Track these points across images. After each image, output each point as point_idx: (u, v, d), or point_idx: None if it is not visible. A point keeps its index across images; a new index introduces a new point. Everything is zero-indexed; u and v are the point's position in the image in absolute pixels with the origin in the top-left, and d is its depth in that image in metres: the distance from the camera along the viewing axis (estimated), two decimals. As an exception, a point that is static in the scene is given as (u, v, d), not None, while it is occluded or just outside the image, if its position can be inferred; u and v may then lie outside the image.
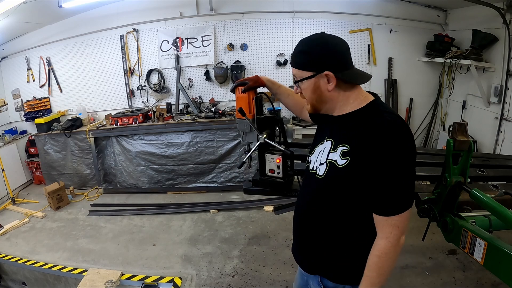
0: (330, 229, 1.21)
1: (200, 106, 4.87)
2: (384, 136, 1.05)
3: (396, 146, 1.04)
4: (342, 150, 1.13)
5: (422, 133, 5.06)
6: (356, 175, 1.10)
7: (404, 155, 1.05)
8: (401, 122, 1.09)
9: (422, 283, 2.65)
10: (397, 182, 1.06)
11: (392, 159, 1.04)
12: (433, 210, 1.44)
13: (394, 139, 1.04)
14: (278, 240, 3.37)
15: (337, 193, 1.15)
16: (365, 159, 1.08)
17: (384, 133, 1.05)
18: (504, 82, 3.56)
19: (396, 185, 1.07)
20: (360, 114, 1.14)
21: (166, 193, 4.63)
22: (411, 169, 1.09)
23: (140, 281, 2.88)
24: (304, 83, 1.16)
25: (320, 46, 1.14)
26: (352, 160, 1.11)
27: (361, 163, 1.09)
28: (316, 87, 1.15)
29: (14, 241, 3.68)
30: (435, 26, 4.61)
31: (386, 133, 1.05)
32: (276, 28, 4.66)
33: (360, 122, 1.12)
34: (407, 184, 1.08)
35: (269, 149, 1.55)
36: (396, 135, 1.05)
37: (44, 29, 4.81)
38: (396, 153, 1.04)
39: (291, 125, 4.51)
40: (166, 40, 4.81)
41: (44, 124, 4.73)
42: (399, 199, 1.07)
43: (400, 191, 1.07)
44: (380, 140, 1.05)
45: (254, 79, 1.51)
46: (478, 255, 1.20)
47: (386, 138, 1.05)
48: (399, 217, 1.08)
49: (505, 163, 2.22)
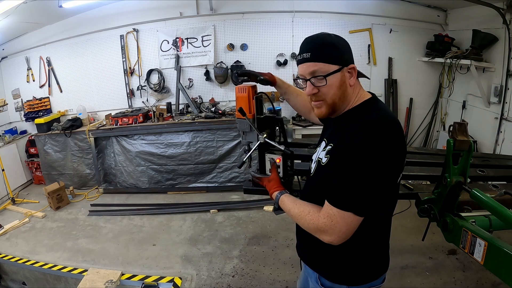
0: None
1: (200, 106, 4.87)
2: (359, 133, 1.00)
3: (364, 143, 0.98)
4: (328, 149, 1.15)
5: (422, 133, 5.06)
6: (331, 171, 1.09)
7: (368, 154, 0.98)
8: (385, 122, 1.03)
9: (422, 283, 2.65)
10: (349, 178, 1.00)
11: (355, 154, 0.99)
12: (433, 210, 1.45)
13: (366, 137, 0.99)
14: (278, 240, 3.37)
15: (323, 191, 1.10)
16: (337, 154, 1.07)
17: (360, 130, 1.00)
18: (504, 82, 3.56)
19: (347, 180, 1.01)
20: (353, 113, 1.13)
21: (166, 193, 4.63)
22: (372, 171, 0.98)
23: (140, 281, 2.88)
24: (331, 78, 1.08)
25: (341, 40, 1.13)
26: (331, 157, 1.11)
27: (334, 158, 1.09)
28: (342, 82, 1.09)
29: (14, 241, 3.68)
30: (435, 26, 4.61)
31: (362, 130, 1.00)
32: (276, 28, 4.66)
33: (350, 120, 1.11)
34: (359, 185, 1.00)
35: (269, 149, 1.55)
36: (370, 133, 0.99)
37: (44, 29, 4.81)
38: (361, 150, 0.98)
39: (291, 125, 4.51)
40: (166, 40, 4.81)
41: (44, 124, 4.73)
42: (345, 195, 1.01)
43: (349, 188, 1.00)
44: (354, 136, 1.00)
45: (269, 75, 1.52)
46: (478, 255, 1.20)
47: (359, 134, 1.00)
48: (338, 212, 1.02)
49: (505, 163, 2.22)
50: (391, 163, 1.02)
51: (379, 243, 1.23)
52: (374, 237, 1.20)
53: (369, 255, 1.21)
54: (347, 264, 1.20)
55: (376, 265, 1.24)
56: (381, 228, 1.21)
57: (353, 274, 1.20)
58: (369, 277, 1.23)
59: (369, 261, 1.22)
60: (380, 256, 1.25)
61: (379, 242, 1.23)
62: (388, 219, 1.23)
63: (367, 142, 0.98)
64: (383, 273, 1.27)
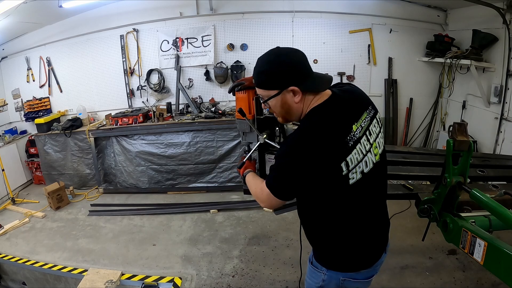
0: (304, 213, 1.38)
1: (200, 106, 4.87)
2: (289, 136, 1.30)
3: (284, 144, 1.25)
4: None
5: (422, 133, 5.06)
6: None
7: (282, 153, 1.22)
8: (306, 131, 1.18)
9: (422, 283, 2.65)
10: (272, 169, 1.27)
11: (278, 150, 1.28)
12: (433, 210, 1.44)
13: (288, 139, 1.24)
14: (278, 240, 3.37)
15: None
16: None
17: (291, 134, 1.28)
18: (504, 82, 3.56)
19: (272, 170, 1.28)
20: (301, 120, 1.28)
21: (166, 193, 4.63)
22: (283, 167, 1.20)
23: (140, 281, 2.88)
24: (272, 101, 1.24)
25: (278, 63, 1.20)
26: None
27: None
28: (283, 102, 1.23)
29: (14, 241, 3.68)
30: (435, 26, 4.61)
31: (291, 134, 1.26)
32: (276, 28, 4.66)
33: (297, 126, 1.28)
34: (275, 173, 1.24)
35: (269, 149, 1.55)
36: (291, 137, 1.22)
37: (44, 29, 4.81)
38: (281, 149, 1.27)
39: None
40: (166, 40, 4.81)
41: (44, 124, 4.74)
42: (268, 178, 1.28)
43: (270, 174, 1.28)
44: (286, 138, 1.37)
45: (251, 79, 1.51)
46: (478, 255, 1.20)
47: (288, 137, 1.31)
48: (264, 188, 1.27)
49: (505, 163, 2.23)
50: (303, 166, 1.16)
51: (346, 237, 1.30)
52: (339, 230, 1.30)
53: (339, 245, 1.32)
54: (324, 248, 1.36)
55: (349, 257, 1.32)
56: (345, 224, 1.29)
57: (329, 259, 1.35)
58: (344, 267, 1.33)
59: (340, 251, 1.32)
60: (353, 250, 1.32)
61: (346, 236, 1.30)
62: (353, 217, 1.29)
63: (286, 145, 1.23)
64: (362, 268, 1.33)
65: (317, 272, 1.38)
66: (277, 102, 1.23)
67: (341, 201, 1.24)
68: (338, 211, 1.27)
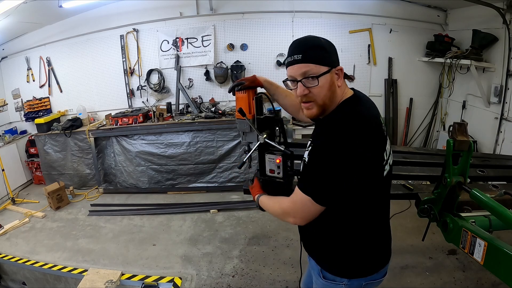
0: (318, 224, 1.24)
1: (200, 106, 4.87)
2: (324, 129, 1.12)
3: (324, 139, 1.08)
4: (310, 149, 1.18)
5: (422, 133, 5.06)
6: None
7: (324, 149, 1.07)
8: (349, 119, 1.08)
9: (422, 283, 2.65)
10: (312, 170, 1.11)
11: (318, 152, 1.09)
12: (433, 210, 1.44)
13: (327, 132, 1.09)
14: (278, 240, 3.37)
15: None
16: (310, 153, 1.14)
17: (326, 126, 1.12)
18: (504, 82, 3.56)
19: (310, 171, 1.12)
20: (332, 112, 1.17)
21: (166, 193, 4.63)
22: (326, 165, 1.06)
23: (140, 281, 2.88)
24: (322, 79, 1.12)
25: (329, 42, 1.17)
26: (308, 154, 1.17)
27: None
28: (331, 82, 1.13)
29: (14, 241, 3.68)
30: (435, 26, 4.61)
31: (327, 126, 1.11)
32: (276, 28, 4.66)
33: (328, 119, 1.16)
34: (319, 176, 1.09)
35: (269, 149, 1.55)
36: (332, 129, 1.08)
37: (44, 29, 4.81)
38: (320, 144, 1.09)
39: (291, 125, 4.51)
40: (166, 40, 4.81)
41: (44, 124, 4.74)
42: (306, 181, 1.12)
43: (310, 177, 1.12)
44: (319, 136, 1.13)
45: (251, 79, 1.51)
46: (478, 255, 1.20)
47: (324, 130, 1.12)
48: (300, 196, 1.13)
49: (505, 163, 2.22)
50: (352, 159, 1.05)
51: (373, 237, 1.26)
52: (366, 231, 1.23)
53: (364, 249, 1.24)
54: (345, 258, 1.26)
55: (373, 259, 1.27)
56: (372, 222, 1.24)
57: (351, 267, 1.25)
58: (368, 271, 1.27)
59: (365, 255, 1.25)
60: (377, 250, 1.28)
61: (372, 236, 1.26)
62: (380, 213, 1.26)
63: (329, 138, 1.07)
64: (382, 266, 1.30)
65: (335, 284, 1.29)
66: (326, 82, 1.12)
67: (375, 195, 1.19)
68: (369, 208, 1.20)
